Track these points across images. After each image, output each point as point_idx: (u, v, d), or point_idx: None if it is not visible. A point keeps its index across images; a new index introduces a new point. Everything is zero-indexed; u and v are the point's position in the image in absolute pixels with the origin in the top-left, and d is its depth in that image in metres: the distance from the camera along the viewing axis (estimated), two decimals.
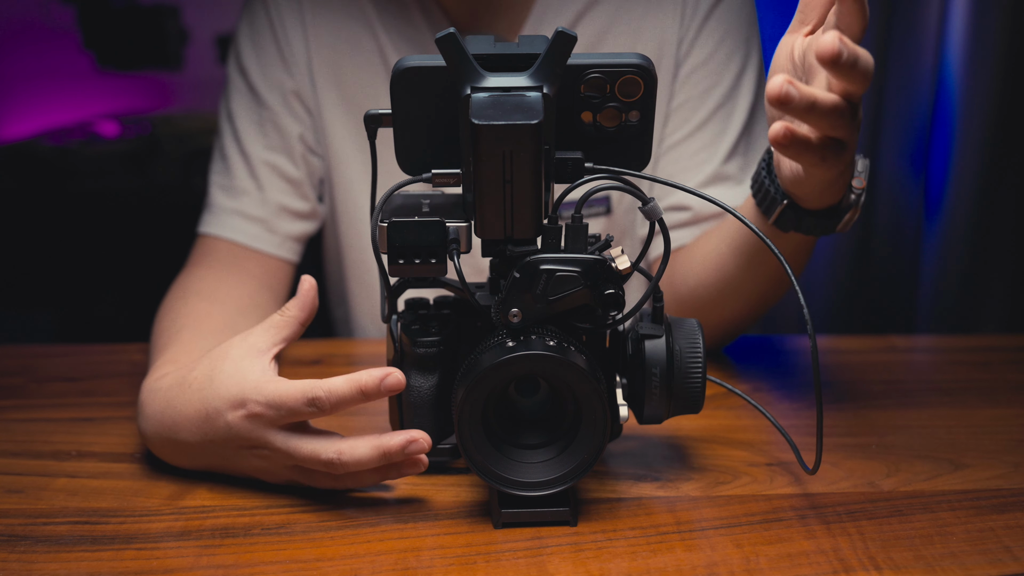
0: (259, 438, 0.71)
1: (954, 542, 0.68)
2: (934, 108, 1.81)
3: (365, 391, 0.68)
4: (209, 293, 0.97)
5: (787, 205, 0.81)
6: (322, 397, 0.68)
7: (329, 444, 0.69)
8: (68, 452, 0.83)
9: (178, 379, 0.76)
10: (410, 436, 0.69)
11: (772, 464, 0.80)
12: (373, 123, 0.70)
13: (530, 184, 0.63)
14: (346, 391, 0.68)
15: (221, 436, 0.72)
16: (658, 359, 0.72)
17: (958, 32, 1.75)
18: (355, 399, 0.68)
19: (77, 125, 2.72)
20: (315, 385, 0.68)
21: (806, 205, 0.80)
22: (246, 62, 1.10)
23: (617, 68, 0.67)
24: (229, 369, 0.72)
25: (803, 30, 0.75)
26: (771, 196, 0.82)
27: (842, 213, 0.81)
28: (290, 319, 0.74)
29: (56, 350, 1.10)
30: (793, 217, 0.81)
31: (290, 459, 0.71)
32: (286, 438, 0.70)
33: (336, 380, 0.68)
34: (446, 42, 0.63)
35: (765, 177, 0.83)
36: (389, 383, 0.68)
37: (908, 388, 0.97)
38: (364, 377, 0.68)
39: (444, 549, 0.67)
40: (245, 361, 0.72)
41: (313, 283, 0.74)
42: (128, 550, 0.67)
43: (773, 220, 0.82)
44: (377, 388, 0.68)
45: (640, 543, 0.67)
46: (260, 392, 0.69)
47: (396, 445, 0.69)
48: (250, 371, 0.71)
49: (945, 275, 1.88)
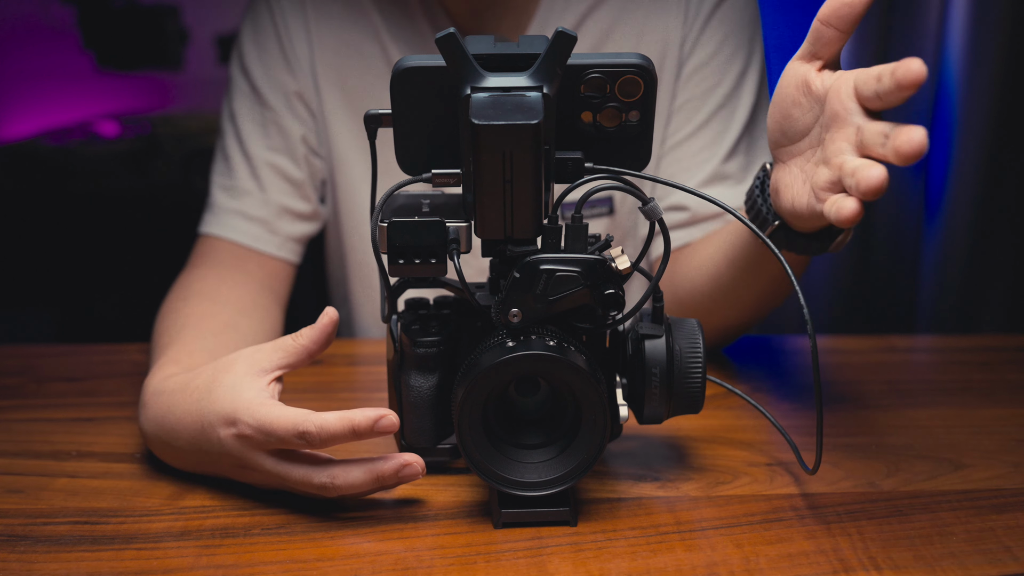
0: (249, 459, 0.70)
1: (954, 542, 0.68)
2: (934, 108, 1.81)
3: (357, 431, 0.67)
4: (210, 293, 0.97)
5: (779, 226, 0.79)
6: (312, 432, 0.66)
7: (321, 469, 0.69)
8: (68, 452, 0.83)
9: (182, 384, 0.76)
10: (403, 461, 0.68)
11: (772, 464, 0.80)
12: (373, 123, 0.70)
13: (530, 184, 0.63)
14: (338, 429, 0.67)
15: (215, 450, 0.71)
16: (658, 359, 0.71)
17: (958, 32, 1.75)
18: (346, 437, 0.67)
19: (77, 125, 2.71)
20: (307, 419, 0.67)
21: (798, 228, 0.78)
22: (249, 63, 1.10)
23: (617, 68, 0.67)
24: (228, 383, 0.71)
25: (815, 63, 0.72)
26: (763, 216, 0.80)
27: (834, 235, 0.78)
28: (300, 348, 0.72)
29: (56, 350, 1.09)
30: (784, 238, 0.79)
31: (280, 481, 0.70)
32: (276, 462, 0.69)
33: (329, 417, 0.67)
34: (446, 42, 0.63)
35: (759, 196, 0.81)
36: (383, 425, 0.67)
37: (908, 388, 0.97)
38: (358, 417, 0.67)
39: (444, 549, 0.67)
40: (246, 379, 0.71)
41: (334, 318, 0.72)
42: (128, 550, 0.67)
43: None
44: (370, 429, 0.67)
45: (640, 543, 0.67)
46: (252, 415, 0.68)
47: (389, 470, 0.68)
48: (248, 389, 0.70)
49: (945, 275, 1.87)
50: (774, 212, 0.79)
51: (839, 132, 0.68)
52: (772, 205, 0.79)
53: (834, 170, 0.68)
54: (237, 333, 0.91)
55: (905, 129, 0.61)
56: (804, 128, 0.73)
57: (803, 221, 0.75)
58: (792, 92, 0.73)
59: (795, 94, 0.73)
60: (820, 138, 0.71)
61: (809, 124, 0.72)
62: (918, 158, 0.61)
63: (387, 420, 0.67)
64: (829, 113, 0.69)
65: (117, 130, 2.66)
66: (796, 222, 0.76)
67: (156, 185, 2.45)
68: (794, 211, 0.74)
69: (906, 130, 0.61)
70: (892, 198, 1.87)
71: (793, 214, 0.75)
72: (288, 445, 0.68)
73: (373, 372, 0.99)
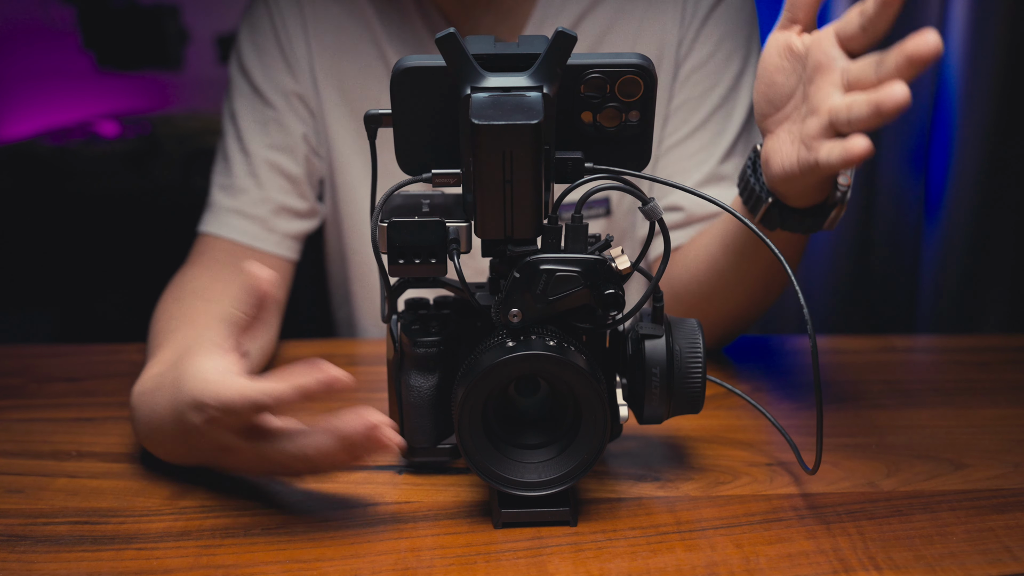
0: (224, 441, 0.69)
1: (954, 542, 0.68)
2: (934, 107, 1.81)
3: (303, 388, 0.64)
4: (203, 291, 0.96)
5: (772, 203, 0.80)
6: (262, 399, 0.64)
7: (291, 439, 0.67)
8: (68, 452, 0.83)
9: (159, 381, 0.75)
10: (367, 421, 0.65)
11: (772, 464, 0.80)
12: (373, 123, 0.70)
13: (530, 184, 0.63)
14: (284, 389, 0.64)
15: (194, 439, 0.70)
16: (658, 359, 0.71)
17: (958, 30, 1.75)
18: (294, 395, 0.64)
19: (77, 125, 2.71)
20: (253, 386, 0.65)
21: (792, 204, 0.80)
22: (249, 64, 1.10)
23: (617, 68, 0.67)
24: (192, 370, 0.69)
25: (794, 28, 0.74)
26: (756, 194, 0.81)
27: (828, 211, 0.80)
28: (241, 316, 0.69)
29: (56, 350, 1.09)
30: (778, 215, 0.80)
31: (260, 461, 0.69)
32: (249, 441, 0.68)
33: (274, 380, 0.65)
34: (446, 42, 0.63)
35: (751, 175, 0.82)
36: (324, 379, 0.64)
37: (908, 388, 0.97)
38: (300, 377, 0.64)
39: (444, 549, 0.67)
40: (208, 360, 0.69)
41: (261, 275, 0.67)
42: (128, 550, 0.67)
43: (759, 218, 0.82)
44: (318, 383, 0.64)
45: (640, 543, 0.67)
46: (214, 395, 0.66)
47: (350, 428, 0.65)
48: (210, 371, 0.68)
49: (945, 275, 1.87)
50: (767, 189, 0.80)
51: (824, 79, 0.70)
52: (764, 181, 0.80)
53: (823, 116, 0.69)
54: None
55: (912, 37, 0.61)
56: (789, 91, 0.75)
57: (795, 185, 0.76)
58: (775, 59, 0.75)
59: (778, 60, 0.75)
60: (805, 94, 0.72)
61: (793, 85, 0.74)
62: (934, 60, 0.61)
63: (327, 374, 0.64)
64: (812, 65, 0.71)
65: (117, 130, 2.66)
66: (788, 190, 0.77)
67: (156, 185, 2.45)
68: (785, 173, 0.75)
69: (915, 37, 0.61)
70: (892, 198, 1.87)
71: (785, 178, 0.76)
72: (250, 418, 0.67)
73: (373, 372, 0.99)
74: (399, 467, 0.78)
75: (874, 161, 1.81)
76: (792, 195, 0.78)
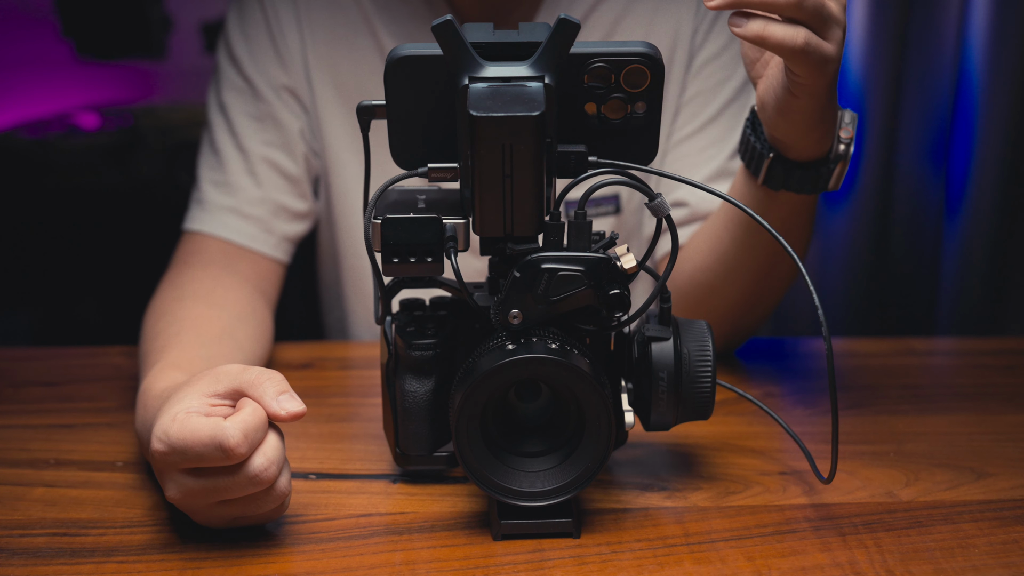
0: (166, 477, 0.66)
1: (976, 555, 0.67)
2: (955, 101, 1.80)
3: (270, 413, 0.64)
4: (206, 296, 0.95)
5: (774, 159, 0.82)
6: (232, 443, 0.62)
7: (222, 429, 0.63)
8: (46, 460, 0.82)
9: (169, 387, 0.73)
10: None
11: (785, 473, 0.79)
12: (366, 115, 0.69)
13: (531, 179, 0.63)
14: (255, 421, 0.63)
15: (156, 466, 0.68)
16: (665, 363, 0.71)
17: (980, 22, 1.75)
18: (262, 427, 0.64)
19: (55, 117, 2.71)
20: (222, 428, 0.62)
21: (793, 155, 0.82)
22: (238, 54, 1.08)
23: (622, 57, 0.67)
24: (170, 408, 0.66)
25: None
26: (757, 152, 0.83)
27: (830, 165, 0.82)
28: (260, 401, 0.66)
29: (34, 353, 1.09)
30: (781, 172, 0.83)
31: (201, 477, 0.65)
32: None
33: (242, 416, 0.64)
34: (443, 30, 0.62)
35: (751, 134, 0.84)
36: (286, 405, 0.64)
37: (928, 393, 0.97)
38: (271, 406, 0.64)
39: (441, 562, 0.66)
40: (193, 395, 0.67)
41: (295, 411, 0.65)
42: (109, 563, 0.66)
43: (762, 179, 0.84)
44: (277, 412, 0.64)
45: (647, 556, 0.67)
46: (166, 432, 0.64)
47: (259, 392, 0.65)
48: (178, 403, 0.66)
49: (966, 275, 1.87)
50: (768, 145, 0.83)
51: None
52: (764, 132, 0.83)
53: None
54: (234, 341, 0.90)
55: None
56: None
57: (791, 121, 0.78)
58: None
59: None
60: None
61: None
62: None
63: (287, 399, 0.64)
64: None
65: (98, 122, 2.66)
66: (785, 131, 0.79)
67: (138, 180, 2.45)
68: (779, 105, 0.77)
69: None
70: (911, 195, 1.86)
71: (779, 110, 0.78)
72: (206, 461, 0.64)
73: (366, 376, 0.98)
74: (393, 476, 0.78)
75: (892, 157, 1.80)
76: (791, 139, 0.80)
